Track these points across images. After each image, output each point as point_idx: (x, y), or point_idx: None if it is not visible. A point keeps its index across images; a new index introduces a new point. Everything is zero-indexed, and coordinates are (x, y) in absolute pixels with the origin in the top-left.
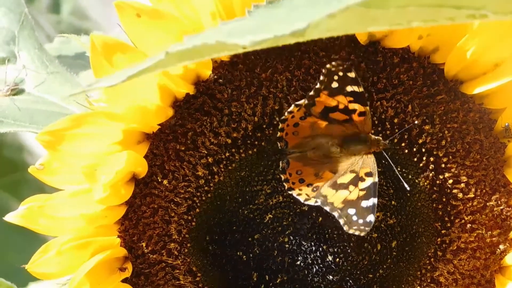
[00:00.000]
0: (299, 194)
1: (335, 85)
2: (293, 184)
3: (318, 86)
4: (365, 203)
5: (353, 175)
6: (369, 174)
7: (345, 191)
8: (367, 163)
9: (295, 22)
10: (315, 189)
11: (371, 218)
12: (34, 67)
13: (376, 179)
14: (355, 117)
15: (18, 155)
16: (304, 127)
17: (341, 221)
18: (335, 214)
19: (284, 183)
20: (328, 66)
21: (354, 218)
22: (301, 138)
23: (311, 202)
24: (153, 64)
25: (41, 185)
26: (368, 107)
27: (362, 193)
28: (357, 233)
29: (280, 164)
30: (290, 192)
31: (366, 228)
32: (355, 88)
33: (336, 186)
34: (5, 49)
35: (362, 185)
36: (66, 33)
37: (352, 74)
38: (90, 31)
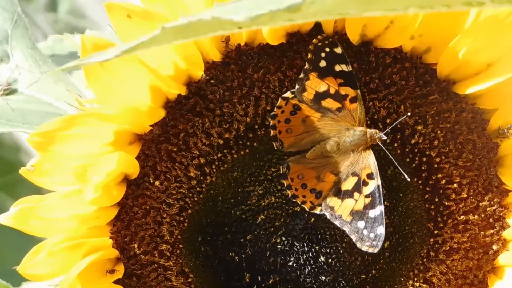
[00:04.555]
0: (303, 202)
1: (323, 64)
2: (296, 190)
3: (306, 66)
4: (372, 213)
5: (355, 178)
6: (371, 176)
7: (351, 199)
8: (367, 162)
9: None
10: (318, 195)
11: (381, 230)
12: (28, 66)
13: (379, 182)
14: (347, 104)
15: (15, 155)
16: (296, 124)
17: (353, 238)
18: (346, 229)
19: (287, 190)
20: (314, 41)
21: (365, 232)
22: (295, 136)
23: (317, 211)
24: (148, 39)
25: (38, 186)
26: (359, 91)
27: (367, 200)
28: (370, 250)
29: (281, 169)
30: (294, 200)
31: (378, 243)
32: (344, 67)
33: (341, 195)
34: None
35: (366, 190)
36: (63, 32)
37: (338, 50)
38: (86, 30)
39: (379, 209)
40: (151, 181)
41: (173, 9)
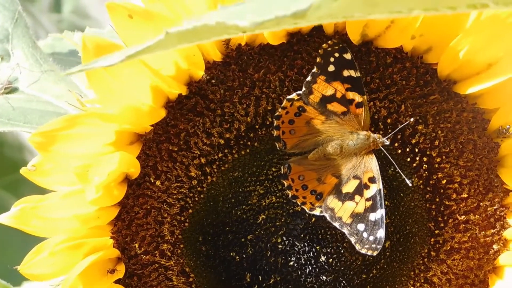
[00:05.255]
0: (303, 203)
1: (331, 68)
2: (296, 191)
3: (315, 70)
4: (373, 216)
5: (357, 181)
6: (372, 180)
7: (352, 202)
8: (369, 166)
9: (297, 3)
10: (319, 196)
11: (381, 233)
12: (28, 65)
13: (381, 186)
14: (352, 108)
15: (18, 154)
16: (300, 125)
17: (353, 240)
18: (345, 231)
19: (287, 191)
20: (324, 45)
21: (365, 235)
22: (298, 137)
23: (317, 212)
24: (152, 44)
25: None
26: (365, 96)
27: (368, 203)
28: (369, 253)
29: (282, 170)
30: (294, 201)
31: (378, 246)
32: (352, 73)
33: (342, 197)
34: None
35: (367, 193)
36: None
37: (348, 56)
38: (86, 27)
39: (380, 213)
40: (152, 181)
41: (174, 9)
